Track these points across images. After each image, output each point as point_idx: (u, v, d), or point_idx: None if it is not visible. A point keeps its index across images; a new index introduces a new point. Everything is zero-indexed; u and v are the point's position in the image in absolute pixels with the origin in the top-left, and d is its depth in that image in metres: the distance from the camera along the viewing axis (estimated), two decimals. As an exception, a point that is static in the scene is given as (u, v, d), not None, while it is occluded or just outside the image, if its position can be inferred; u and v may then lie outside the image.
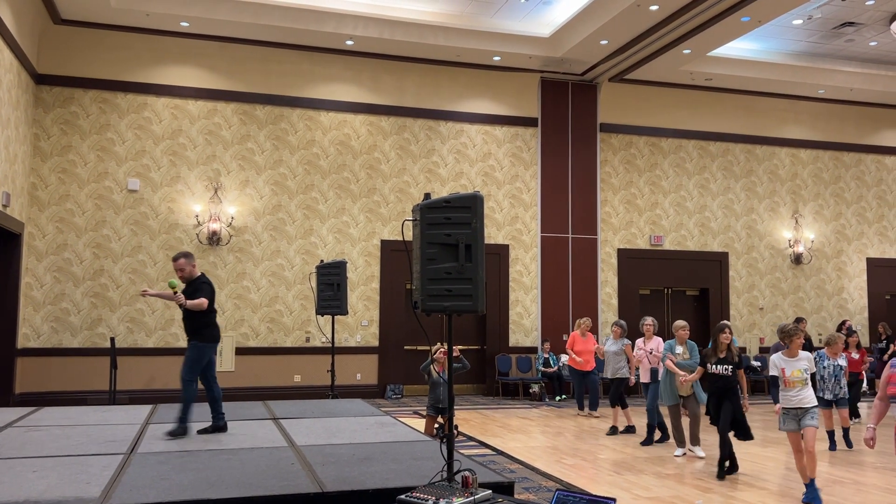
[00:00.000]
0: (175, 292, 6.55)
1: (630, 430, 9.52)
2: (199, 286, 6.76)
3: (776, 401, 6.33)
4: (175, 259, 6.85)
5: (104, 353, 11.29)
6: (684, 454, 8.03)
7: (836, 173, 16.10)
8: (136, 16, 11.54)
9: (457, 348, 7.62)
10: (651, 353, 8.84)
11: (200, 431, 6.66)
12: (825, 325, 15.49)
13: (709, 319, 14.63)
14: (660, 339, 8.99)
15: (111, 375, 10.71)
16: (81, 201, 11.87)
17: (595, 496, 3.74)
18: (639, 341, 9.09)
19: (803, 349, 6.34)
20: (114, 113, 12.09)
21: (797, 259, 15.50)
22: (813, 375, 6.25)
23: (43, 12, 11.27)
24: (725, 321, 7.57)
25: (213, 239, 12.25)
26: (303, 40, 12.49)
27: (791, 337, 6.21)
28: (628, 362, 9.76)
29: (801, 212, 15.73)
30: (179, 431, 6.47)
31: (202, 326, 6.76)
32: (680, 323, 8.35)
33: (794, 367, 6.13)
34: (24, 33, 10.65)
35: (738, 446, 7.31)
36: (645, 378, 8.91)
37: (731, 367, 6.98)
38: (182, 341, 11.94)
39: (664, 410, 8.62)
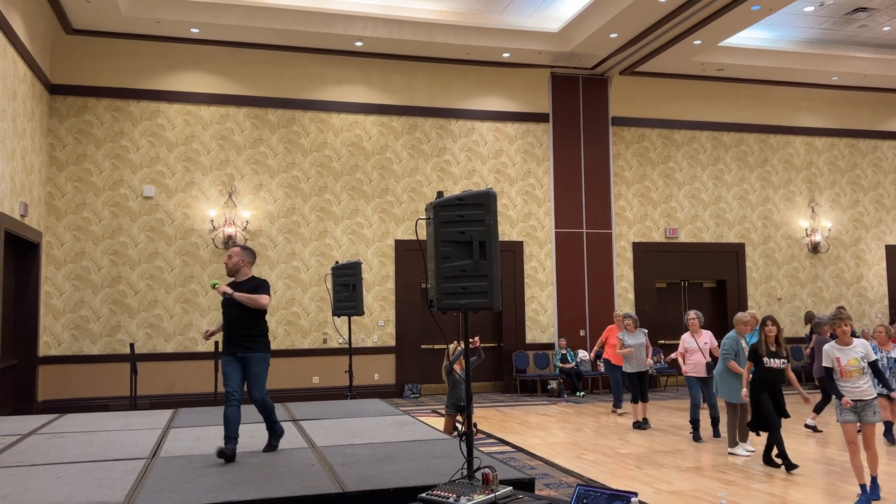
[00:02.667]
0: (215, 286, 5.80)
1: (645, 424, 9.50)
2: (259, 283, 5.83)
3: (836, 394, 5.85)
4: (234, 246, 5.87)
5: (124, 359, 11.40)
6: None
7: (853, 160, 15.92)
8: (147, 24, 11.62)
9: (477, 339, 7.55)
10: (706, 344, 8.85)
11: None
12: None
13: (726, 311, 14.51)
14: (710, 333, 9.03)
15: (132, 381, 10.82)
16: (98, 209, 11.98)
17: (616, 491, 3.73)
18: (686, 336, 8.96)
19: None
20: (127, 121, 12.19)
21: (815, 248, 15.35)
22: (876, 363, 6.02)
23: (55, 23, 11.37)
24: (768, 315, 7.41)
25: (229, 243, 12.31)
26: (312, 43, 12.51)
27: (841, 323, 5.94)
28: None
29: (818, 200, 15.58)
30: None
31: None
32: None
33: (849, 355, 5.86)
34: (36, 44, 10.76)
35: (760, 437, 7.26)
36: (701, 373, 8.73)
37: (784, 360, 7.04)
38: (201, 345, 12.00)
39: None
